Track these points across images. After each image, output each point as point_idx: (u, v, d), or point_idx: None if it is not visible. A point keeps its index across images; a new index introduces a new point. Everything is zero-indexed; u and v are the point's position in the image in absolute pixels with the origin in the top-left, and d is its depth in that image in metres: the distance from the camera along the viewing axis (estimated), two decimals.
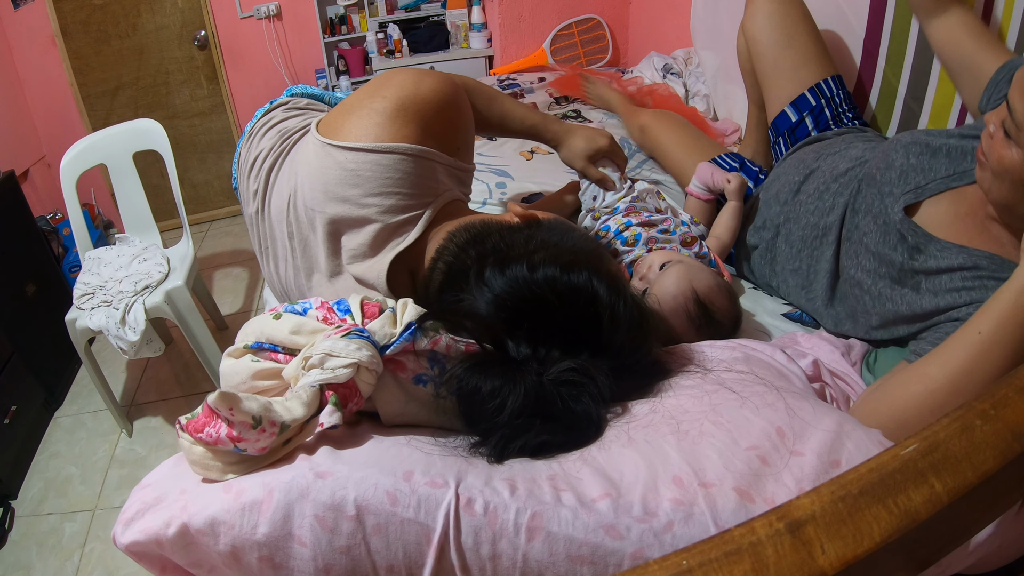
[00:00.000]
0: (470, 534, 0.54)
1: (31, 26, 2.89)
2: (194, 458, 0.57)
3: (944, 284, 0.92)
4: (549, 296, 0.69)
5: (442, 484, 0.56)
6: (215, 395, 0.54)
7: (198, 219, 3.46)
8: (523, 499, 0.55)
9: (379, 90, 0.86)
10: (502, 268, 0.71)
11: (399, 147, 0.82)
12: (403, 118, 0.83)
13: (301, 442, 0.60)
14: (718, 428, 0.61)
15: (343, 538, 0.54)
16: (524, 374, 0.64)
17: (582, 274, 0.70)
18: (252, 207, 1.00)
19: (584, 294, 0.70)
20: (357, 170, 0.81)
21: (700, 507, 0.54)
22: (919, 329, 0.96)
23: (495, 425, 0.62)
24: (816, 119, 1.41)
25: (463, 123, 0.94)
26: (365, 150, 0.81)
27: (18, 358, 2.12)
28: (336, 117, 0.88)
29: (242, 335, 0.67)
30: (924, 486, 0.37)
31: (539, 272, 0.70)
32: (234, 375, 0.65)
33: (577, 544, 0.53)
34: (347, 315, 0.66)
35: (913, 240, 0.97)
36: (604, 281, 0.71)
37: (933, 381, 0.76)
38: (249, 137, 1.08)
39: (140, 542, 0.57)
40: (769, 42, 1.43)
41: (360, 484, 0.55)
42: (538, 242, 0.78)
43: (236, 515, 0.55)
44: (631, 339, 0.72)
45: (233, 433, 0.55)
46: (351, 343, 0.60)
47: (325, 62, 3.20)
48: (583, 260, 0.73)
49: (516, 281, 0.69)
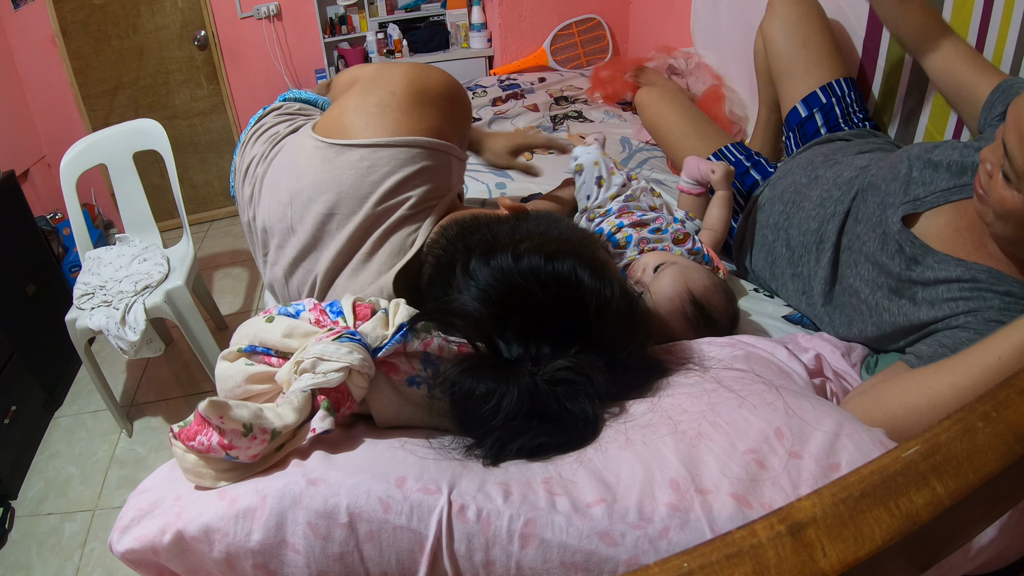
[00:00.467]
0: (463, 541, 0.54)
1: (31, 26, 2.89)
2: (187, 466, 0.58)
3: (941, 295, 0.92)
4: (533, 286, 0.68)
5: (435, 490, 0.56)
6: (205, 403, 0.54)
7: (198, 219, 3.46)
8: (516, 505, 0.55)
9: (382, 84, 0.84)
10: (487, 259, 0.70)
11: (418, 140, 0.80)
12: (420, 109, 0.81)
13: (295, 447, 0.60)
14: (716, 430, 0.61)
15: (336, 545, 0.54)
16: (518, 375, 0.63)
17: (566, 262, 0.69)
18: (248, 213, 0.99)
19: (568, 282, 0.68)
20: (374, 165, 0.80)
21: (696, 513, 0.54)
22: (915, 339, 0.96)
23: (490, 428, 0.62)
24: (826, 116, 1.43)
25: (469, 112, 0.93)
26: (381, 145, 0.79)
27: (18, 358, 2.11)
28: (338, 117, 0.86)
29: (236, 338, 0.67)
30: (926, 488, 0.37)
31: (523, 261, 0.69)
32: (229, 378, 0.65)
33: (571, 551, 0.53)
34: (339, 317, 0.65)
35: (911, 251, 0.97)
36: (589, 268, 0.70)
37: (939, 397, 0.74)
38: (243, 145, 1.08)
39: (136, 549, 0.57)
40: (786, 42, 1.47)
41: (352, 491, 0.55)
42: (524, 232, 0.77)
43: (230, 522, 0.55)
44: (621, 328, 0.70)
45: (224, 441, 0.55)
46: (342, 346, 0.60)
47: (325, 62, 3.20)
48: (568, 248, 0.72)
49: (501, 271, 0.69)
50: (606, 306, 0.69)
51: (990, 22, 1.25)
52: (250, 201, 0.97)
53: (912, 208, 1.00)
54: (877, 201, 1.06)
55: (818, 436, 0.60)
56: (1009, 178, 0.81)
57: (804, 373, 0.83)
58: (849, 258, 1.09)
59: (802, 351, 0.92)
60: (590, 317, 0.68)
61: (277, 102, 1.21)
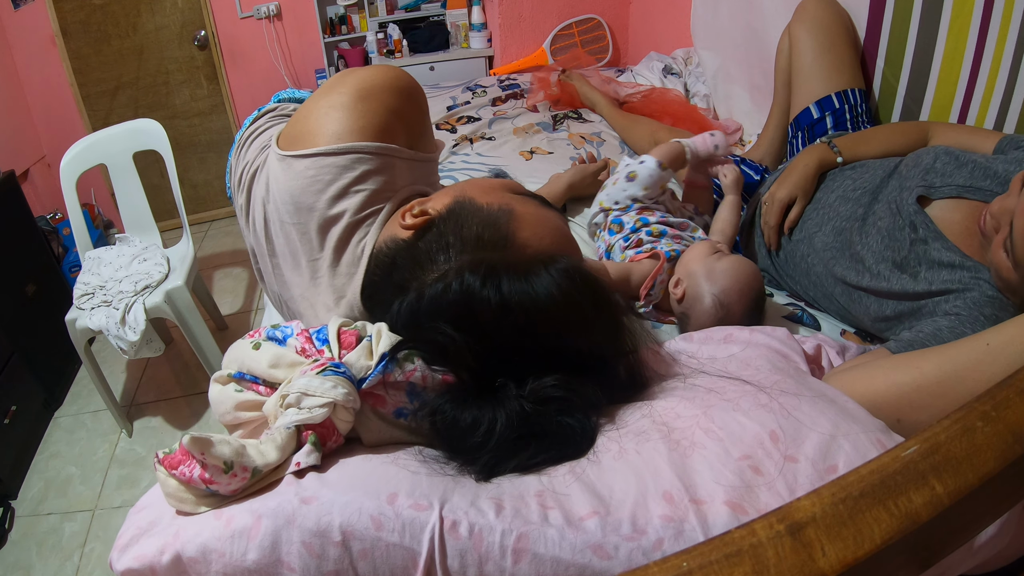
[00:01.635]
0: (456, 557, 0.54)
1: (31, 26, 2.89)
2: (168, 490, 0.58)
3: (943, 277, 0.96)
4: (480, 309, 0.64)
5: (426, 506, 0.56)
6: (188, 438, 0.54)
7: (198, 219, 3.46)
8: (509, 520, 0.55)
9: (334, 87, 0.84)
10: (417, 301, 0.68)
11: (355, 146, 0.79)
12: (364, 105, 0.80)
13: (277, 478, 0.60)
14: (709, 437, 0.61)
15: (331, 563, 0.54)
16: (503, 400, 0.62)
17: (484, 280, 0.65)
18: (242, 219, 0.99)
19: (497, 301, 0.64)
20: (317, 175, 0.79)
21: (691, 523, 0.54)
22: (906, 318, 1.00)
23: (482, 452, 0.61)
24: (836, 120, 1.47)
25: (422, 107, 0.90)
26: (322, 154, 0.79)
27: (18, 358, 2.12)
28: (294, 125, 0.85)
29: (226, 361, 0.67)
30: (925, 488, 0.37)
31: (449, 294, 0.66)
32: (220, 403, 0.65)
33: (564, 565, 0.53)
34: (325, 345, 0.65)
35: (923, 232, 1.01)
36: (504, 275, 0.65)
37: (923, 376, 0.74)
38: (238, 148, 1.08)
39: (135, 569, 0.57)
40: (811, 43, 1.50)
41: (344, 509, 0.55)
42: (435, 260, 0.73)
43: (226, 542, 0.55)
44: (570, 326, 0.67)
45: (205, 475, 0.56)
46: (326, 380, 0.60)
47: (325, 62, 3.20)
48: (481, 261, 0.68)
49: (439, 308, 0.66)
50: (507, 309, 0.65)
51: (990, 22, 1.25)
52: (241, 208, 0.98)
53: (925, 192, 1.04)
54: (897, 184, 1.10)
55: (814, 437, 0.59)
56: (1008, 252, 0.85)
57: (802, 353, 0.83)
58: (863, 228, 1.13)
59: (802, 341, 0.93)
60: (501, 330, 0.65)
61: (272, 102, 1.20)
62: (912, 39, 1.44)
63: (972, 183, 1.01)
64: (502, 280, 0.65)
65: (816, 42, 1.50)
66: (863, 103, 1.47)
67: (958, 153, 1.07)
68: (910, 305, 1.00)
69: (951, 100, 1.39)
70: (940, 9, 1.35)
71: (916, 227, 1.02)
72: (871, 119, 1.48)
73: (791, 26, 1.57)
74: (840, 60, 1.48)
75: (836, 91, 1.47)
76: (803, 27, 1.52)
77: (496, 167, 1.83)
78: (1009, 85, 1.25)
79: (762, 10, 1.83)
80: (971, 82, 1.33)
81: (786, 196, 1.25)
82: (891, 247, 1.05)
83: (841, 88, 1.47)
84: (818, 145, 1.29)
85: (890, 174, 1.15)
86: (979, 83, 1.32)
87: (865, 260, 1.09)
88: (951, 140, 1.17)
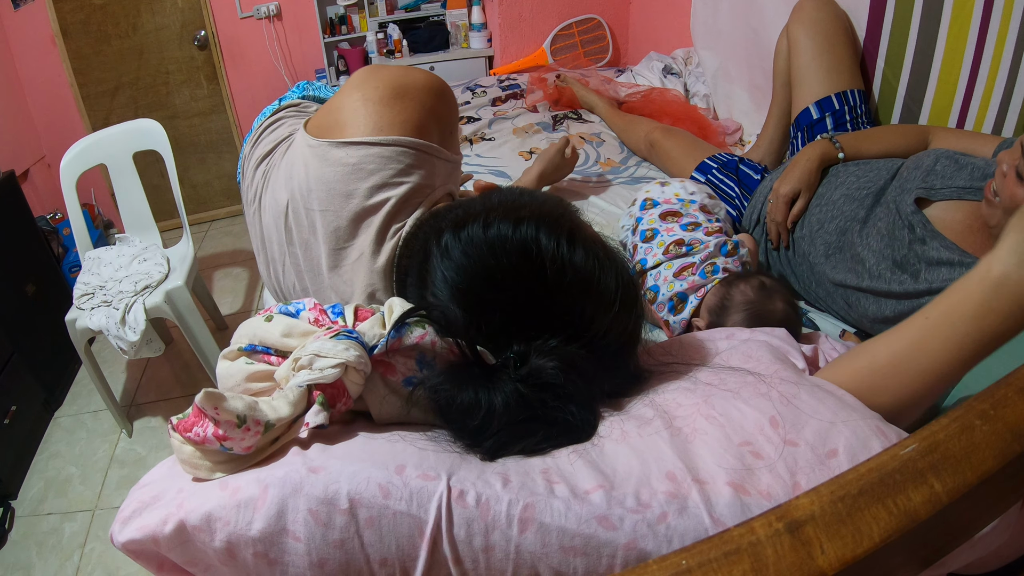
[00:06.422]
0: (463, 526, 0.54)
1: (31, 26, 2.89)
2: (183, 457, 0.58)
3: (943, 275, 0.97)
4: (503, 260, 0.65)
5: (434, 477, 0.56)
6: (201, 394, 0.55)
7: (198, 219, 3.46)
8: (516, 491, 0.55)
9: (367, 82, 0.84)
10: (458, 232, 0.69)
11: (401, 140, 0.80)
12: (402, 102, 0.81)
13: (289, 440, 0.60)
14: (710, 423, 0.61)
15: (336, 532, 0.55)
16: (499, 382, 0.62)
17: (530, 226, 0.66)
18: (252, 206, 1.00)
19: (529, 248, 0.66)
20: (360, 164, 0.80)
21: (694, 500, 0.54)
22: (904, 312, 1.00)
23: (488, 433, 0.61)
24: (836, 121, 1.47)
25: (454, 109, 0.92)
26: (367, 144, 0.79)
27: (18, 358, 2.12)
28: (324, 116, 0.86)
29: (236, 337, 0.67)
30: (924, 486, 0.37)
31: (492, 230, 0.67)
32: (229, 377, 0.65)
33: (570, 535, 0.53)
34: (339, 317, 0.66)
35: (920, 232, 1.02)
36: (549, 229, 0.66)
37: (875, 359, 0.71)
38: (256, 135, 1.08)
39: (137, 540, 0.57)
40: (810, 44, 1.51)
41: (353, 478, 0.55)
42: (493, 204, 0.74)
43: (231, 511, 0.55)
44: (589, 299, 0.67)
45: (219, 432, 0.55)
46: (339, 343, 0.60)
47: (325, 62, 3.20)
48: (536, 212, 0.69)
49: (472, 243, 0.67)
50: (566, 269, 0.65)
51: (990, 22, 1.25)
52: (255, 195, 0.98)
53: (925, 194, 1.05)
54: (898, 186, 1.11)
55: (813, 423, 0.60)
56: (1021, 175, 0.86)
57: (800, 349, 0.83)
58: (863, 230, 1.13)
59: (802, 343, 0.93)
60: (549, 286, 0.65)
61: (296, 94, 1.20)
62: (912, 40, 1.44)
63: (972, 185, 1.02)
64: (550, 233, 0.66)
65: (814, 43, 1.50)
66: (863, 104, 1.48)
67: (958, 156, 1.08)
68: (910, 305, 1.00)
69: (951, 101, 1.39)
70: (940, 10, 1.35)
71: (913, 227, 1.03)
72: (871, 120, 1.48)
73: (789, 27, 1.58)
74: (839, 61, 1.48)
75: (836, 92, 1.47)
76: (800, 28, 1.52)
77: (496, 167, 1.83)
78: (1009, 85, 1.25)
79: (762, 10, 1.84)
80: (971, 82, 1.33)
81: (790, 191, 1.25)
82: (891, 246, 1.06)
83: (841, 89, 1.47)
84: (820, 140, 1.29)
85: (893, 177, 1.16)
86: (979, 83, 1.32)
87: (866, 261, 1.09)
88: (951, 144, 1.18)
